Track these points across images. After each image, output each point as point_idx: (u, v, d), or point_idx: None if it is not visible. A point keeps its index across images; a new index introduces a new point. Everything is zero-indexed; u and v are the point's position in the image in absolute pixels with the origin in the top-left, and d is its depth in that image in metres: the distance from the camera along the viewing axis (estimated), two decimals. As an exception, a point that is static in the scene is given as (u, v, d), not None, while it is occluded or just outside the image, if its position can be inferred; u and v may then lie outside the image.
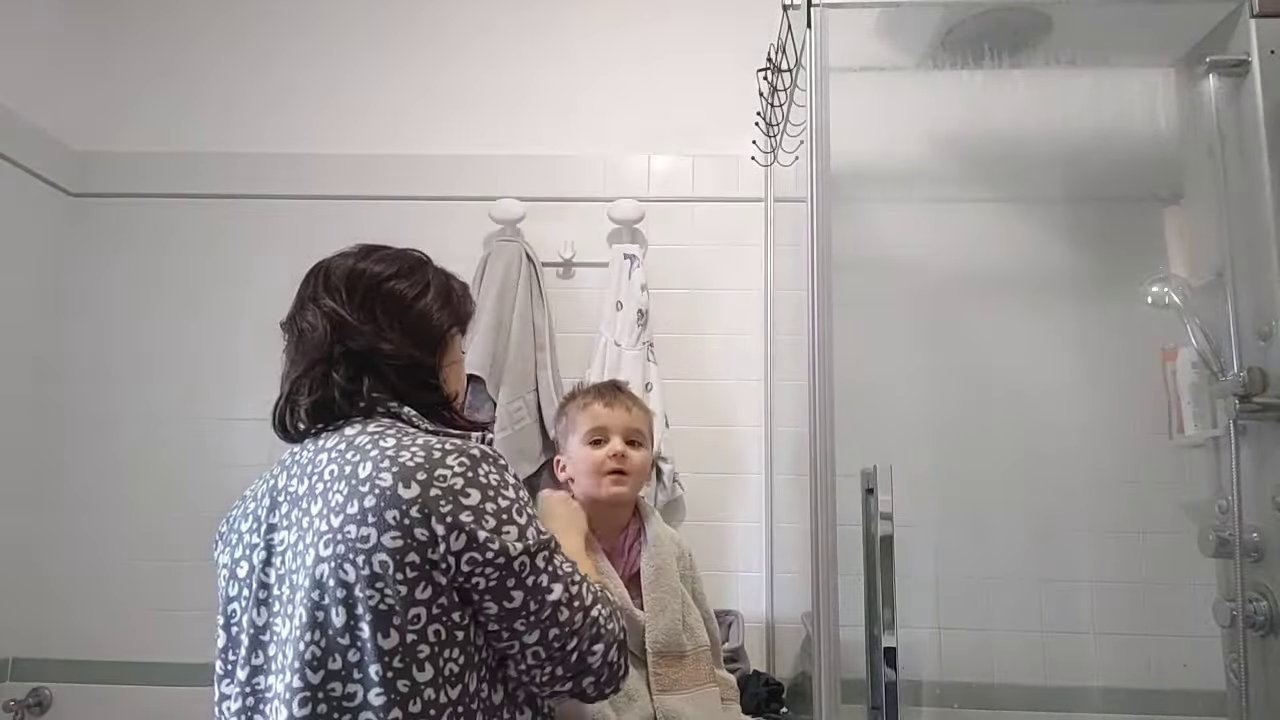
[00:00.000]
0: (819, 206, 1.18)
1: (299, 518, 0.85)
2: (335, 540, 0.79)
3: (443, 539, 0.79)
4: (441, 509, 0.80)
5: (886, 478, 1.15)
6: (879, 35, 1.53)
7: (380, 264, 1.00)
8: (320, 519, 0.82)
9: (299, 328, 0.99)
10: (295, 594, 0.81)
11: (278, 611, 0.84)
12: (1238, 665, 1.24)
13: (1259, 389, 1.21)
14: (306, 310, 0.99)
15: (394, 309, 0.96)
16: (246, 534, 0.91)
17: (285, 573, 0.84)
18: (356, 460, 0.84)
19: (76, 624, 1.84)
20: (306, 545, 0.82)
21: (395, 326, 0.95)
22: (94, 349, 1.95)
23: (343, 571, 0.78)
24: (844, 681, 1.07)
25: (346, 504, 0.80)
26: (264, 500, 0.91)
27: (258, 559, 0.88)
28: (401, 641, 0.78)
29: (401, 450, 0.83)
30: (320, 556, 0.80)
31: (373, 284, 0.97)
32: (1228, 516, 1.27)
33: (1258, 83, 1.26)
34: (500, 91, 2.06)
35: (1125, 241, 1.70)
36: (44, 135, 1.94)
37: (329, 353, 0.94)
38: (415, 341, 0.96)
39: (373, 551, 0.78)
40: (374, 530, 0.79)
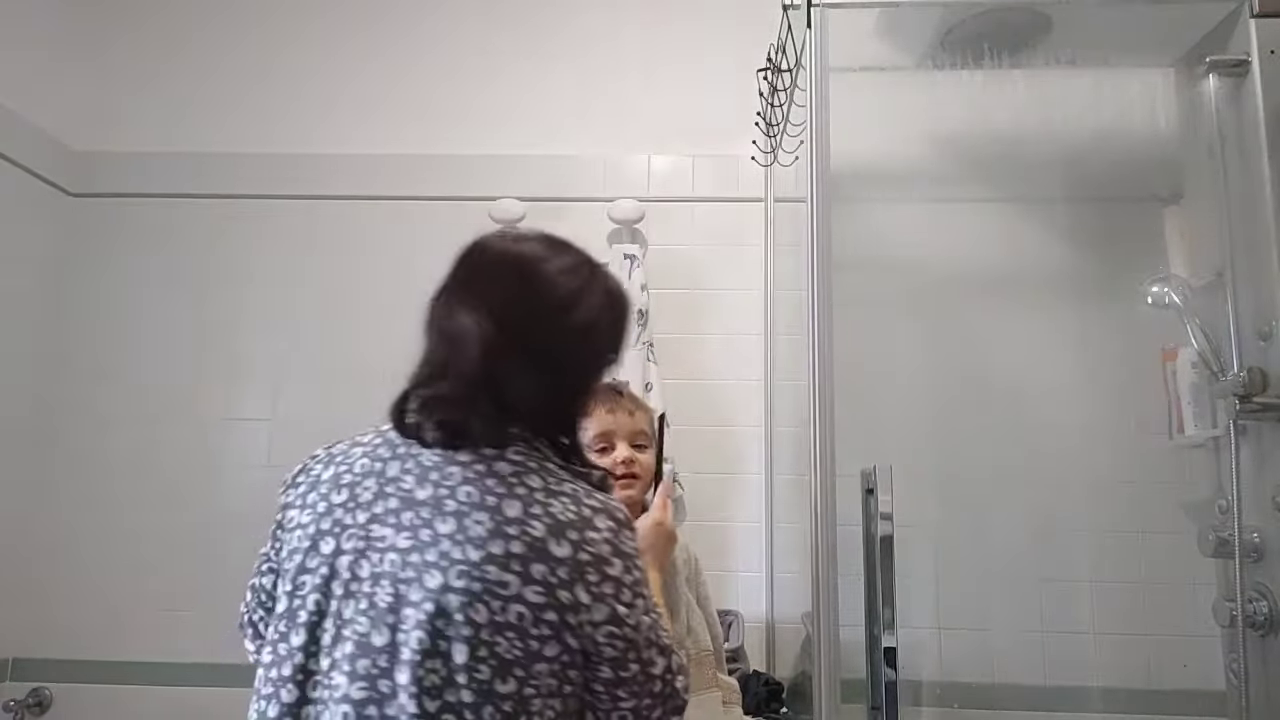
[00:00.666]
0: (819, 206, 1.18)
1: (415, 525, 0.79)
2: (472, 576, 0.75)
3: (585, 607, 0.78)
4: (589, 577, 0.78)
5: (886, 478, 1.15)
6: (879, 35, 1.53)
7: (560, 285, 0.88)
8: (454, 545, 0.77)
9: (448, 331, 0.87)
10: (404, 608, 0.77)
11: (367, 613, 0.78)
12: (1238, 665, 1.24)
13: (1259, 389, 1.21)
14: (459, 314, 0.86)
15: (563, 350, 0.87)
16: (338, 509, 0.83)
17: (386, 576, 0.78)
18: (502, 493, 0.79)
19: (76, 624, 1.84)
20: (428, 563, 0.77)
21: (553, 376, 0.86)
22: (94, 349, 1.95)
23: (474, 610, 0.75)
24: (844, 681, 1.07)
25: (489, 542, 0.77)
26: (367, 483, 0.83)
27: (350, 544, 0.81)
28: (519, 690, 0.76)
29: (551, 498, 0.80)
30: (450, 585, 0.75)
31: (547, 313, 0.87)
32: (1228, 516, 1.27)
33: (1258, 83, 1.26)
34: (500, 92, 2.06)
35: (1125, 241, 1.70)
36: (44, 135, 1.94)
37: (476, 375, 0.83)
38: (570, 391, 0.90)
39: (511, 600, 0.75)
40: (517, 580, 0.76)
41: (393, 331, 2.08)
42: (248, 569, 0.96)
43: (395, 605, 0.77)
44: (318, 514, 0.84)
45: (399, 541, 0.79)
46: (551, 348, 0.86)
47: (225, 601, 1.81)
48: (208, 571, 1.85)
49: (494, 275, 0.90)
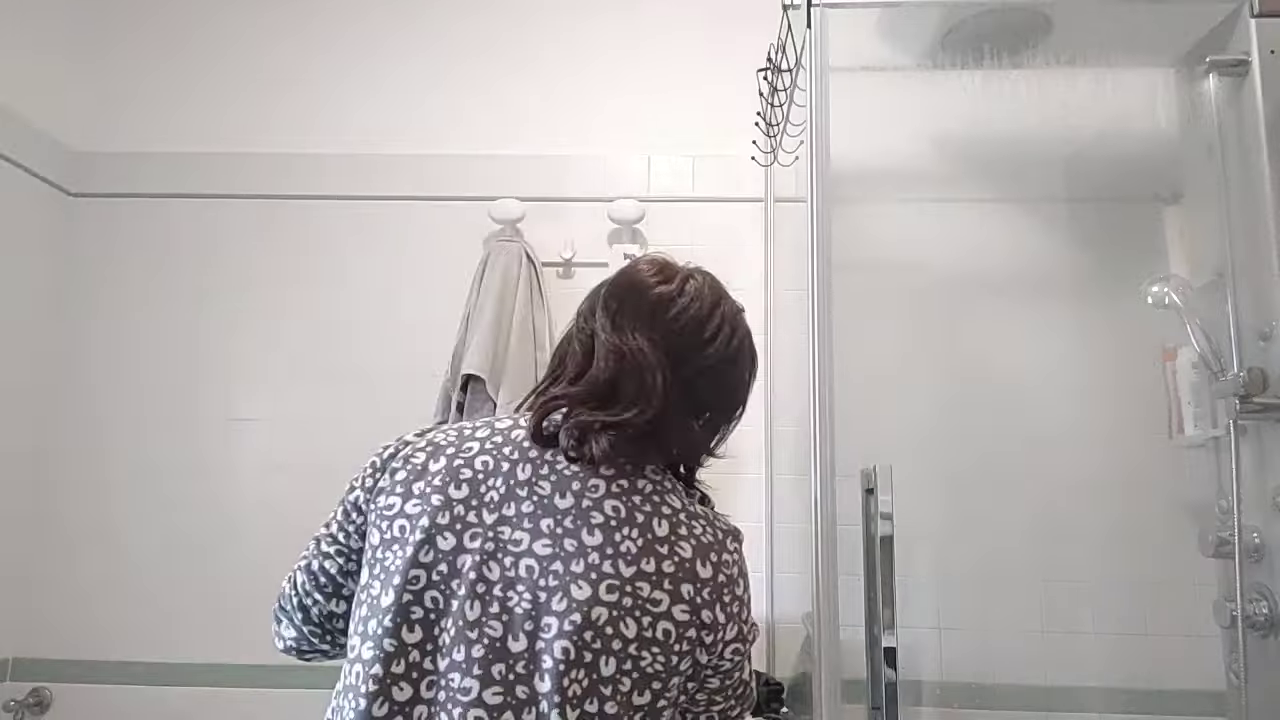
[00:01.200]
0: (819, 206, 1.17)
1: (557, 533, 0.79)
2: (624, 591, 0.77)
3: (721, 626, 0.82)
4: (725, 598, 0.82)
5: (886, 478, 1.15)
6: (879, 35, 1.53)
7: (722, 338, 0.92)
8: (603, 559, 0.78)
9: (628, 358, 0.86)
10: (545, 616, 0.77)
11: (498, 616, 0.77)
12: (1238, 665, 1.23)
13: (1259, 389, 1.21)
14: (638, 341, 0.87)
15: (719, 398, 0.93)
16: (458, 504, 0.81)
17: (523, 582, 0.78)
18: (650, 512, 0.82)
19: (76, 624, 1.84)
20: (574, 574, 0.77)
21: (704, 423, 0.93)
22: (94, 349, 1.95)
23: (624, 624, 0.77)
24: (844, 681, 1.07)
25: (641, 559, 0.79)
26: (493, 481, 0.82)
27: (475, 543, 0.79)
28: (653, 703, 0.79)
29: (692, 520, 0.84)
30: (600, 599, 0.76)
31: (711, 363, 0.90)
32: (1228, 516, 1.27)
33: (1258, 83, 1.25)
34: (500, 92, 2.06)
35: (1125, 241, 1.70)
36: (44, 135, 1.94)
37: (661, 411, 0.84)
38: (715, 430, 0.95)
39: (660, 618, 0.78)
40: (667, 598, 0.78)
41: (393, 331, 2.09)
42: (248, 569, 0.95)
43: (534, 612, 0.77)
44: (432, 506, 0.81)
45: (537, 548, 0.79)
46: (711, 400, 0.92)
47: (225, 601, 1.83)
48: (208, 571, 1.85)
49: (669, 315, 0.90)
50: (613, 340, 0.88)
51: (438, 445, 0.86)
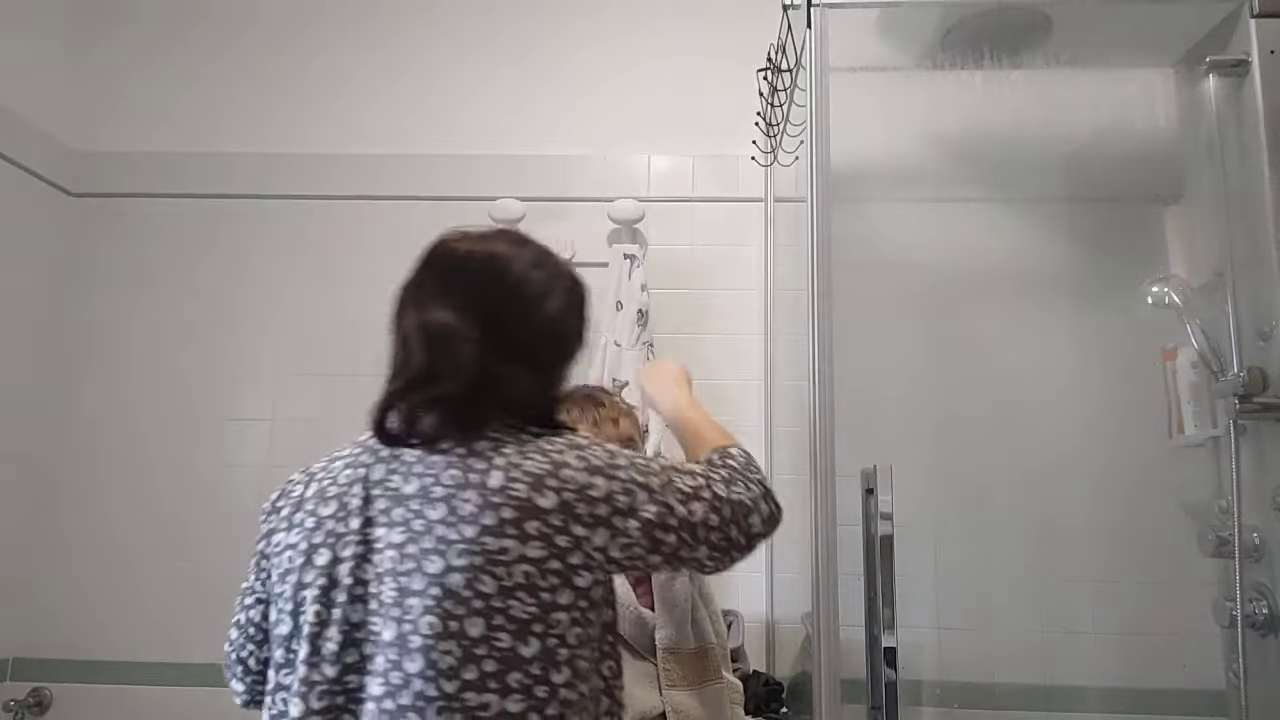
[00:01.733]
0: (819, 206, 1.17)
1: (408, 519, 0.82)
2: (470, 551, 0.78)
3: (585, 539, 0.81)
4: (578, 510, 0.81)
5: (886, 478, 1.15)
6: (879, 35, 1.53)
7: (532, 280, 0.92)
8: (447, 528, 0.80)
9: (432, 333, 0.89)
10: (408, 599, 0.79)
11: (377, 612, 0.80)
12: (1238, 665, 1.24)
13: (1259, 389, 1.21)
14: (440, 315, 0.89)
15: (537, 344, 0.91)
16: (329, 520, 0.85)
17: (387, 573, 0.81)
18: (484, 469, 0.82)
19: (76, 624, 1.84)
20: (426, 551, 0.79)
21: (535, 366, 0.91)
22: (94, 348, 1.95)
23: (480, 583, 0.78)
24: (844, 681, 1.07)
25: (480, 515, 0.80)
26: (353, 489, 0.85)
27: (349, 551, 0.83)
28: (543, 647, 0.79)
29: (525, 458, 0.83)
30: (452, 566, 0.78)
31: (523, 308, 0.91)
32: (1228, 516, 1.27)
33: (1258, 83, 1.26)
34: (500, 92, 2.06)
35: (1125, 241, 1.70)
36: (44, 135, 1.94)
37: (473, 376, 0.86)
38: (552, 379, 0.94)
39: (515, 564, 0.78)
40: (514, 542, 0.79)
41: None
42: (248, 569, 0.96)
43: (399, 599, 0.79)
44: (307, 529, 0.86)
45: (394, 537, 0.81)
46: (530, 342, 0.90)
47: (225, 601, 1.82)
48: (208, 572, 1.84)
49: (467, 275, 0.92)
50: (415, 321, 0.90)
51: (312, 474, 0.91)
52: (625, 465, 0.86)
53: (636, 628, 1.20)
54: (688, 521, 0.86)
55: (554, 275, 0.94)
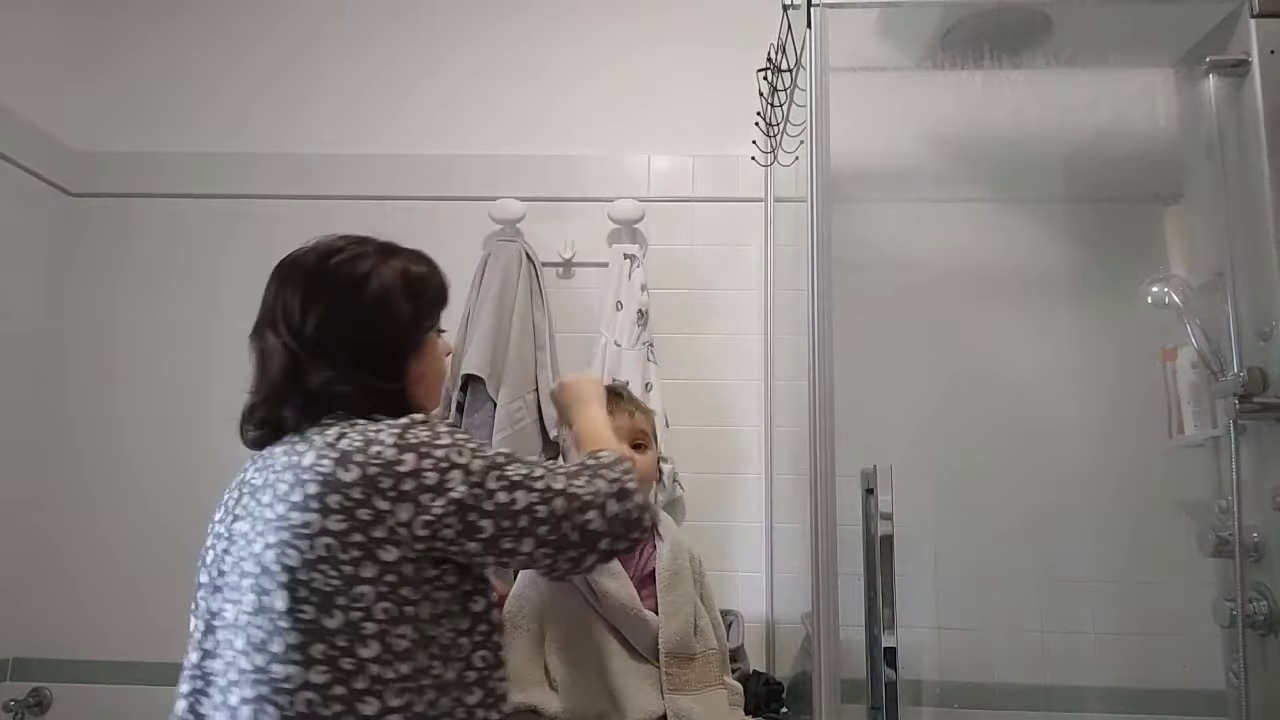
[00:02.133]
0: (819, 206, 1.17)
1: (254, 507, 0.87)
2: (280, 527, 0.82)
3: (389, 514, 0.82)
4: (382, 485, 0.83)
5: (886, 478, 1.15)
6: (879, 35, 1.53)
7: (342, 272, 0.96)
8: (268, 507, 0.85)
9: (260, 349, 0.97)
10: (243, 579, 0.84)
11: (228, 597, 0.86)
12: (1238, 665, 1.24)
13: (1259, 389, 1.21)
14: (265, 335, 0.96)
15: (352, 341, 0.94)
16: (217, 524, 0.93)
17: (237, 559, 0.87)
18: (304, 450, 0.86)
19: (76, 624, 1.84)
20: (256, 533, 0.85)
21: (354, 362, 0.93)
22: (94, 349, 1.95)
23: (286, 556, 0.81)
24: (844, 681, 1.07)
25: (291, 491, 0.83)
26: (234, 492, 0.94)
27: (220, 548, 0.90)
28: (346, 620, 0.80)
29: (341, 438, 0.86)
30: (267, 543, 0.82)
31: (330, 313, 0.94)
32: (1228, 516, 1.27)
33: (1258, 83, 1.25)
34: (500, 92, 2.06)
35: (1125, 241, 1.70)
36: (44, 135, 1.94)
37: (280, 379, 0.94)
38: (377, 371, 0.95)
39: (316, 535, 0.81)
40: (317, 515, 0.81)
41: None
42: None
43: (238, 580, 0.85)
44: (209, 535, 0.94)
45: (244, 527, 0.88)
46: (344, 332, 0.93)
47: (225, 601, 1.83)
48: (208, 571, 1.85)
49: (286, 287, 0.97)
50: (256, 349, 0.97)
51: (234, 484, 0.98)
52: (447, 445, 0.86)
53: (639, 630, 1.20)
54: (507, 509, 0.85)
55: (374, 265, 0.97)
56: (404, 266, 0.99)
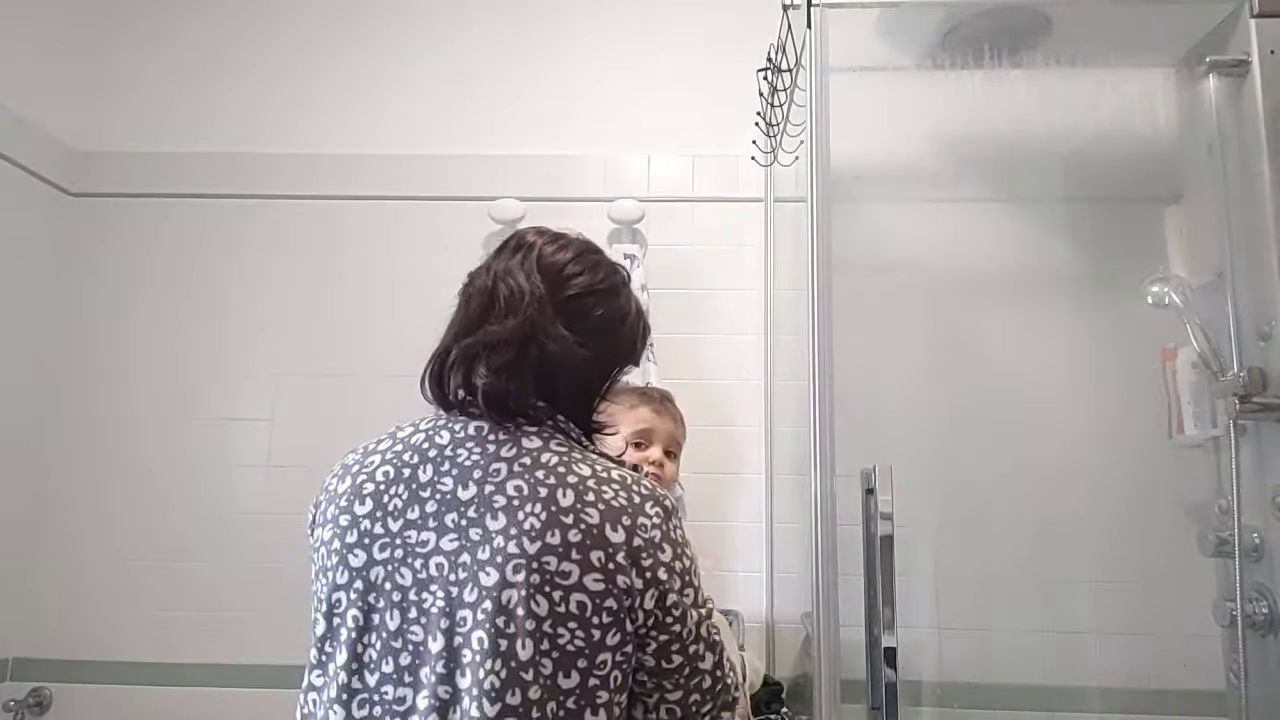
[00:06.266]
0: (819, 206, 1.18)
1: (463, 525, 0.78)
2: (530, 569, 0.75)
3: (639, 592, 0.78)
4: (643, 561, 0.78)
5: (886, 478, 1.15)
6: (879, 35, 1.53)
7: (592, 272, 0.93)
8: (508, 540, 0.76)
9: (498, 290, 0.87)
10: (459, 610, 0.76)
11: (418, 621, 0.77)
12: (1238, 665, 1.24)
13: (1259, 389, 1.21)
14: (514, 277, 0.87)
15: (598, 325, 0.90)
16: (364, 520, 0.81)
17: (431, 580, 0.77)
18: (554, 484, 0.79)
19: (76, 624, 1.84)
20: (480, 562, 0.76)
21: (592, 344, 0.89)
22: (93, 349, 1.95)
23: (535, 604, 0.74)
24: (844, 681, 1.07)
25: (545, 532, 0.76)
26: (395, 489, 0.82)
27: (387, 554, 0.79)
28: (582, 683, 0.76)
29: (601, 485, 0.80)
30: (508, 581, 0.75)
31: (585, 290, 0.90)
32: (1228, 516, 1.27)
33: (1258, 83, 1.26)
34: (500, 91, 2.06)
35: (1125, 241, 1.70)
36: (44, 135, 1.93)
37: (525, 338, 0.84)
38: (602, 364, 0.92)
39: (572, 589, 0.75)
40: (576, 568, 0.76)
41: (393, 331, 2.10)
42: (247, 569, 0.96)
43: (449, 609, 0.76)
44: (340, 528, 0.82)
45: (444, 544, 0.78)
46: (593, 330, 0.89)
47: (224, 602, 1.83)
48: (208, 572, 1.85)
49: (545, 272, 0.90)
50: (480, 285, 0.89)
51: (346, 467, 0.88)
52: (692, 559, 0.84)
53: None
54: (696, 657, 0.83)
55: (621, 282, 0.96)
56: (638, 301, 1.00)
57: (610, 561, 0.77)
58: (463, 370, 0.85)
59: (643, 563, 0.78)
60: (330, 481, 0.88)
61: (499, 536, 0.76)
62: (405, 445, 0.85)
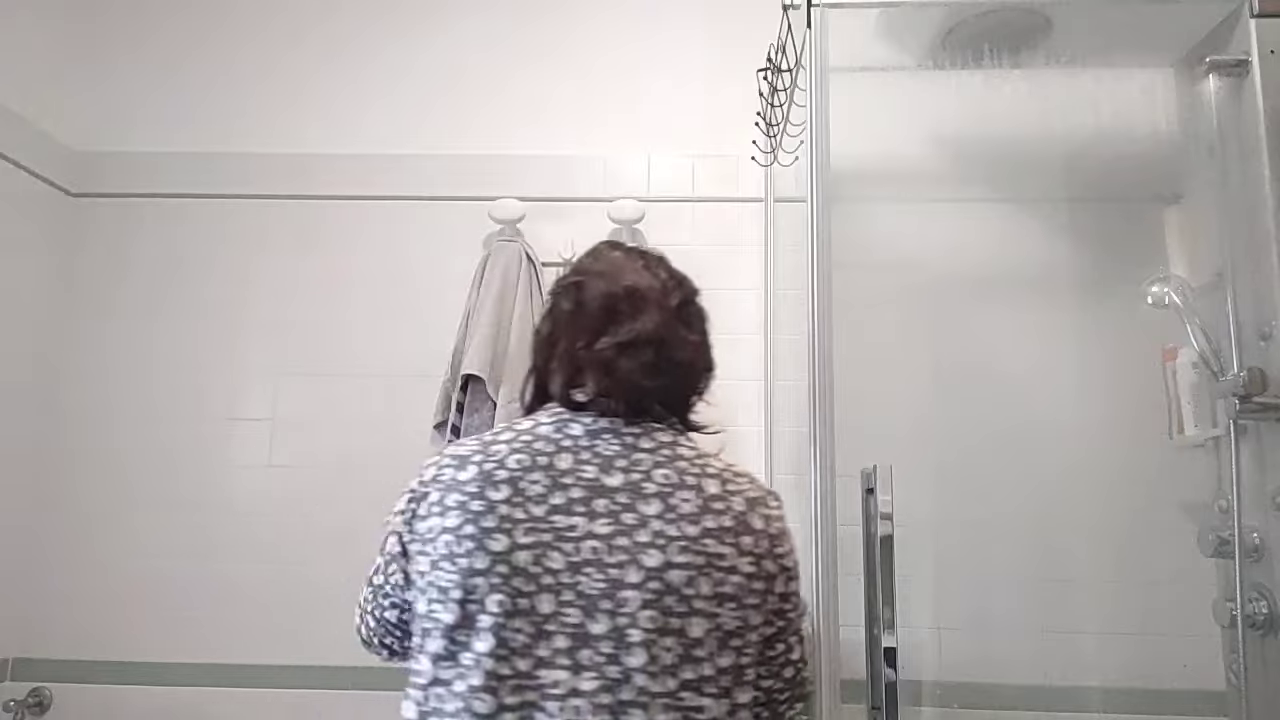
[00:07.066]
0: (819, 206, 1.18)
1: (614, 510, 0.80)
2: (692, 550, 0.79)
3: (773, 577, 0.84)
4: (778, 550, 0.85)
5: (886, 478, 1.15)
6: (879, 35, 1.53)
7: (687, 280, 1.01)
8: (666, 524, 0.79)
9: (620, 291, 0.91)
10: (621, 591, 0.77)
11: (574, 603, 0.77)
12: (1238, 665, 1.24)
13: (1259, 389, 1.21)
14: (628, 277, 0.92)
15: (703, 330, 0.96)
16: (501, 505, 0.80)
17: (586, 563, 0.78)
18: (698, 474, 0.84)
19: (76, 624, 1.84)
20: (640, 544, 0.78)
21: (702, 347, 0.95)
22: (94, 349, 1.95)
23: (700, 583, 0.78)
24: (844, 681, 1.07)
25: (703, 516, 0.80)
26: (535, 476, 0.82)
27: (532, 538, 0.79)
28: (735, 663, 0.79)
29: (737, 478, 0.87)
30: (673, 562, 0.78)
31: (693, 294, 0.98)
32: (1228, 516, 1.27)
33: (1258, 83, 1.26)
34: (500, 92, 2.06)
35: (1125, 241, 1.70)
36: (44, 135, 1.94)
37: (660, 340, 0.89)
38: (707, 367, 0.96)
39: (730, 572, 0.80)
40: (732, 550, 0.80)
41: (393, 331, 2.10)
42: (249, 569, 0.95)
43: (610, 590, 0.77)
44: (473, 513, 0.80)
45: (597, 528, 0.79)
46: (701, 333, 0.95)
47: (225, 602, 1.83)
48: (208, 572, 1.85)
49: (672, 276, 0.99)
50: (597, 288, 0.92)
51: (462, 456, 0.86)
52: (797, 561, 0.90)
53: None
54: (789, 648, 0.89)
55: None
56: None
57: (757, 546, 0.82)
58: (602, 368, 0.87)
59: (777, 550, 0.85)
60: (444, 473, 0.86)
61: (656, 520, 0.80)
62: (533, 436, 0.87)
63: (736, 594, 0.79)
